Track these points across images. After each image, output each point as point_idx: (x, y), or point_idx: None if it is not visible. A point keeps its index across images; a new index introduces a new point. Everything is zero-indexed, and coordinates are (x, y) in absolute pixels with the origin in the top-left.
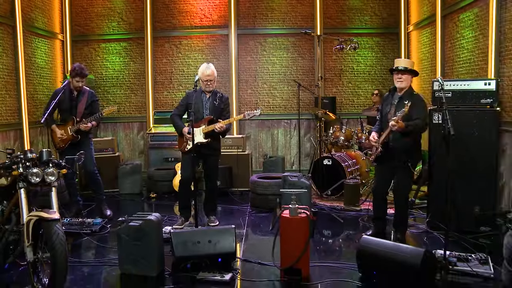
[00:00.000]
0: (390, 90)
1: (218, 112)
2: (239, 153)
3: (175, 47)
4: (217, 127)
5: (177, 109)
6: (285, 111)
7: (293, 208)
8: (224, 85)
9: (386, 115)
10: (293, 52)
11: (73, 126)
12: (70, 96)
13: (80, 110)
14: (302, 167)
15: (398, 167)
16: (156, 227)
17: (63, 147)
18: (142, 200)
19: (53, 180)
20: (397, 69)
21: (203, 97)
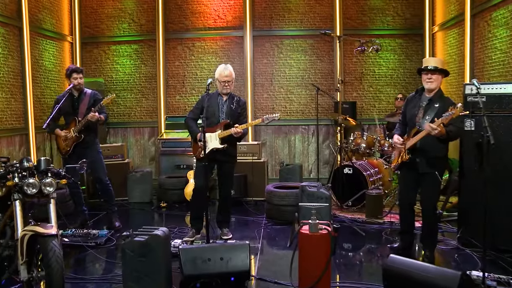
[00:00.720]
0: (417, 90)
1: (235, 116)
2: (254, 160)
3: (188, 50)
4: (234, 131)
5: (192, 112)
6: (303, 116)
7: (313, 224)
8: (239, 89)
9: (412, 118)
10: (311, 55)
11: (75, 127)
12: (71, 98)
13: (82, 110)
14: (321, 175)
15: (424, 176)
16: (163, 242)
17: (69, 151)
18: (152, 210)
19: (51, 191)
20: (426, 68)
21: (219, 100)
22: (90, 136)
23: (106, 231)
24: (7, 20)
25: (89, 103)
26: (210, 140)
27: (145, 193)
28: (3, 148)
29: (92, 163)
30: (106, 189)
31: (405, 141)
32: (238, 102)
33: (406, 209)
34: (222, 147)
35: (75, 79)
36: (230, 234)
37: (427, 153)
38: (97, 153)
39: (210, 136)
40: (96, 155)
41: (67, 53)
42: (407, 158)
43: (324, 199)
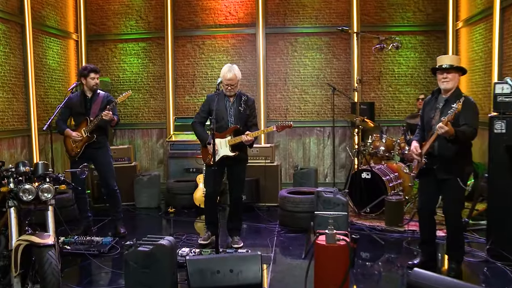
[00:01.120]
0: (433, 92)
1: (244, 119)
2: (267, 164)
3: (197, 48)
4: (245, 140)
5: (199, 115)
6: (318, 117)
7: (330, 234)
8: (251, 89)
9: (429, 121)
10: (327, 53)
11: (87, 127)
12: (84, 99)
13: (94, 110)
14: (337, 180)
15: (446, 182)
16: (169, 253)
17: (79, 153)
18: (160, 215)
19: (49, 197)
20: (441, 67)
21: (226, 102)
22: (101, 137)
23: (110, 239)
24: (8, 17)
25: (102, 103)
26: (220, 147)
27: (153, 197)
28: (4, 151)
29: (102, 165)
30: (113, 194)
31: (423, 147)
32: (246, 103)
33: (425, 218)
34: (234, 155)
35: (93, 79)
36: (241, 243)
37: (445, 158)
38: (108, 156)
39: (219, 142)
40: (106, 157)
41: (72, 52)
42: (423, 164)
43: (341, 206)
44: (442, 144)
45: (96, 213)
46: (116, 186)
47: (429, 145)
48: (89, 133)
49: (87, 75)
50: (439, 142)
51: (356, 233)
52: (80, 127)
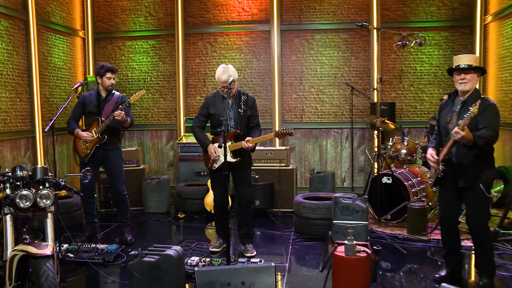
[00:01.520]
0: (450, 94)
1: (245, 121)
2: (281, 167)
3: (209, 45)
4: (245, 146)
5: (198, 119)
6: (336, 119)
7: (350, 246)
8: (265, 89)
9: (445, 125)
10: (345, 51)
11: (98, 127)
12: (98, 98)
13: (107, 110)
14: (355, 184)
15: (467, 189)
16: (176, 264)
17: (89, 154)
18: (169, 221)
19: (48, 204)
20: (458, 68)
21: (225, 104)
22: (113, 139)
23: (115, 246)
24: (11, 13)
25: (115, 104)
26: (221, 153)
27: (162, 202)
28: (7, 153)
29: (112, 169)
30: (122, 200)
31: (440, 153)
32: (246, 103)
33: (448, 228)
34: (235, 161)
35: (109, 79)
36: (254, 251)
37: (464, 165)
38: (119, 159)
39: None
40: (117, 161)
41: (79, 49)
42: (441, 172)
43: (360, 213)
44: (460, 150)
45: (102, 219)
46: (125, 192)
47: (446, 151)
48: (100, 133)
49: (103, 74)
50: (456, 148)
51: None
52: (91, 127)
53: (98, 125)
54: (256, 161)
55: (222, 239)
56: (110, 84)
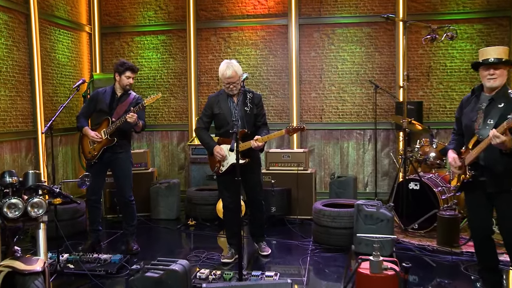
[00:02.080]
0: (474, 90)
1: (251, 120)
2: (299, 171)
3: (223, 41)
4: (254, 146)
5: (201, 120)
6: (358, 119)
7: (376, 262)
8: (282, 87)
9: (470, 125)
10: (368, 46)
11: (107, 128)
12: (112, 97)
13: (119, 111)
14: (379, 189)
15: (497, 196)
16: (182, 279)
17: (96, 156)
18: (178, 229)
19: (40, 213)
20: (487, 62)
21: (230, 103)
22: (123, 141)
23: (119, 256)
24: (11, 5)
25: (129, 105)
26: (228, 154)
27: (171, 208)
28: (6, 155)
29: (120, 172)
30: (128, 206)
31: (463, 155)
32: (252, 101)
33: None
34: (244, 162)
35: (128, 78)
36: (269, 249)
37: (495, 167)
38: (128, 163)
39: (226, 149)
40: (126, 164)
41: (85, 45)
42: (469, 177)
43: (385, 222)
44: (490, 155)
45: (107, 225)
46: (132, 197)
47: (476, 154)
48: (109, 135)
49: (122, 72)
50: (486, 152)
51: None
52: (100, 127)
53: (108, 126)
54: (272, 165)
55: (234, 249)
56: (128, 84)
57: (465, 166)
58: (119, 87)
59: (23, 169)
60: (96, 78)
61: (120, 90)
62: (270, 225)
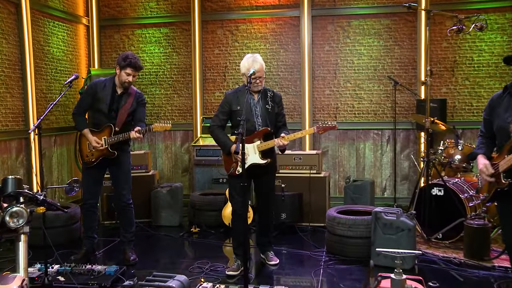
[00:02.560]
0: (506, 88)
1: (273, 119)
2: (312, 175)
3: (230, 34)
4: (278, 144)
5: (217, 118)
6: (375, 118)
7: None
8: (293, 83)
9: (505, 127)
10: (387, 39)
11: (109, 138)
12: (111, 95)
13: (122, 116)
14: (398, 194)
15: None
16: None
17: (93, 162)
18: (180, 237)
19: (20, 224)
20: None
21: (250, 100)
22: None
23: (115, 268)
24: None
25: (131, 107)
26: (247, 153)
27: (173, 214)
28: None
29: (119, 174)
30: (126, 211)
31: (495, 160)
32: (273, 99)
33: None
34: (265, 163)
35: (128, 75)
36: (277, 259)
37: None
38: (127, 164)
39: (246, 148)
40: (125, 165)
41: (82, 39)
42: (505, 185)
43: (406, 232)
44: None
45: (104, 232)
46: (131, 201)
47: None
48: (110, 146)
49: (123, 67)
50: None
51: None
52: (102, 134)
53: (110, 135)
54: (282, 168)
55: (240, 260)
56: (126, 81)
57: (499, 173)
58: (118, 83)
59: (13, 172)
60: (94, 73)
61: (120, 88)
62: (280, 233)
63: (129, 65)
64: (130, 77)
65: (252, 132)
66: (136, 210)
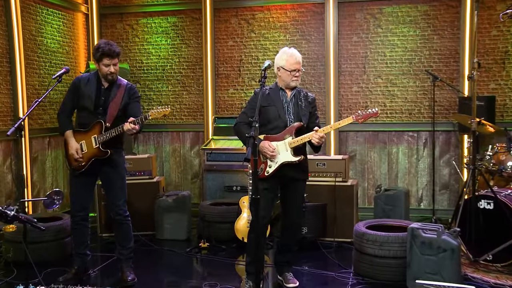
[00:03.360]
0: None
1: (306, 117)
2: (337, 183)
3: (245, 24)
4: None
5: (244, 115)
6: (411, 118)
7: None
8: (317, 79)
9: None
10: (424, 28)
11: (100, 136)
12: (97, 89)
13: (112, 111)
14: (437, 206)
15: None
16: None
17: (83, 166)
18: (187, 253)
19: None
20: None
21: (282, 96)
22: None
23: None
24: None
25: (122, 101)
26: (278, 151)
27: (180, 226)
28: None
29: (111, 181)
30: (122, 224)
31: None
32: (306, 98)
33: None
34: (297, 160)
35: (107, 66)
36: (296, 281)
37: None
38: (121, 169)
39: (277, 145)
40: (118, 171)
41: (81, 29)
42: None
43: (449, 252)
44: None
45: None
46: (127, 213)
47: None
48: (101, 145)
49: (99, 59)
50: None
51: None
52: (91, 132)
53: (101, 131)
54: None
55: (252, 281)
56: (108, 73)
57: None
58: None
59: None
60: (93, 67)
61: (106, 82)
62: (300, 249)
63: (103, 54)
64: (110, 67)
65: (282, 129)
66: (137, 222)
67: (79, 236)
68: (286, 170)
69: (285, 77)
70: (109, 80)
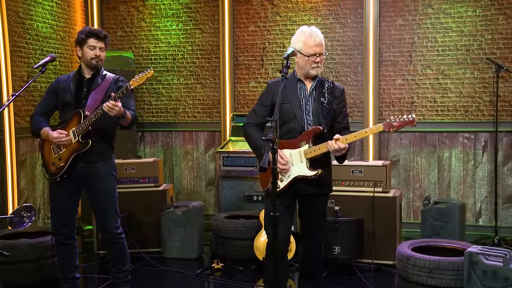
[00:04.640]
0: None
1: (329, 117)
2: (377, 194)
3: (269, 5)
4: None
5: (255, 114)
6: (466, 117)
7: None
8: (353, 70)
9: None
10: (485, 6)
11: (78, 126)
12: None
13: (93, 102)
14: (500, 223)
15: None
16: None
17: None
18: (198, 275)
19: None
20: None
21: (300, 90)
22: (101, 146)
23: None
24: None
25: (107, 93)
26: (291, 163)
27: (190, 243)
28: None
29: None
30: (115, 243)
31: None
32: (331, 92)
33: None
34: (314, 175)
35: (93, 48)
36: None
37: None
38: (109, 179)
39: (290, 155)
40: (106, 181)
41: (78, 11)
42: None
43: None
44: None
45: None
46: (119, 229)
47: None
48: (80, 136)
49: (83, 40)
50: None
51: None
52: (69, 126)
53: (79, 122)
54: (336, 184)
55: None
56: (93, 57)
57: None
58: (84, 66)
59: None
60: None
61: (88, 71)
62: (331, 274)
63: (89, 34)
64: (96, 50)
65: (299, 133)
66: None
67: (64, 258)
68: (301, 185)
69: (303, 63)
70: (93, 65)
